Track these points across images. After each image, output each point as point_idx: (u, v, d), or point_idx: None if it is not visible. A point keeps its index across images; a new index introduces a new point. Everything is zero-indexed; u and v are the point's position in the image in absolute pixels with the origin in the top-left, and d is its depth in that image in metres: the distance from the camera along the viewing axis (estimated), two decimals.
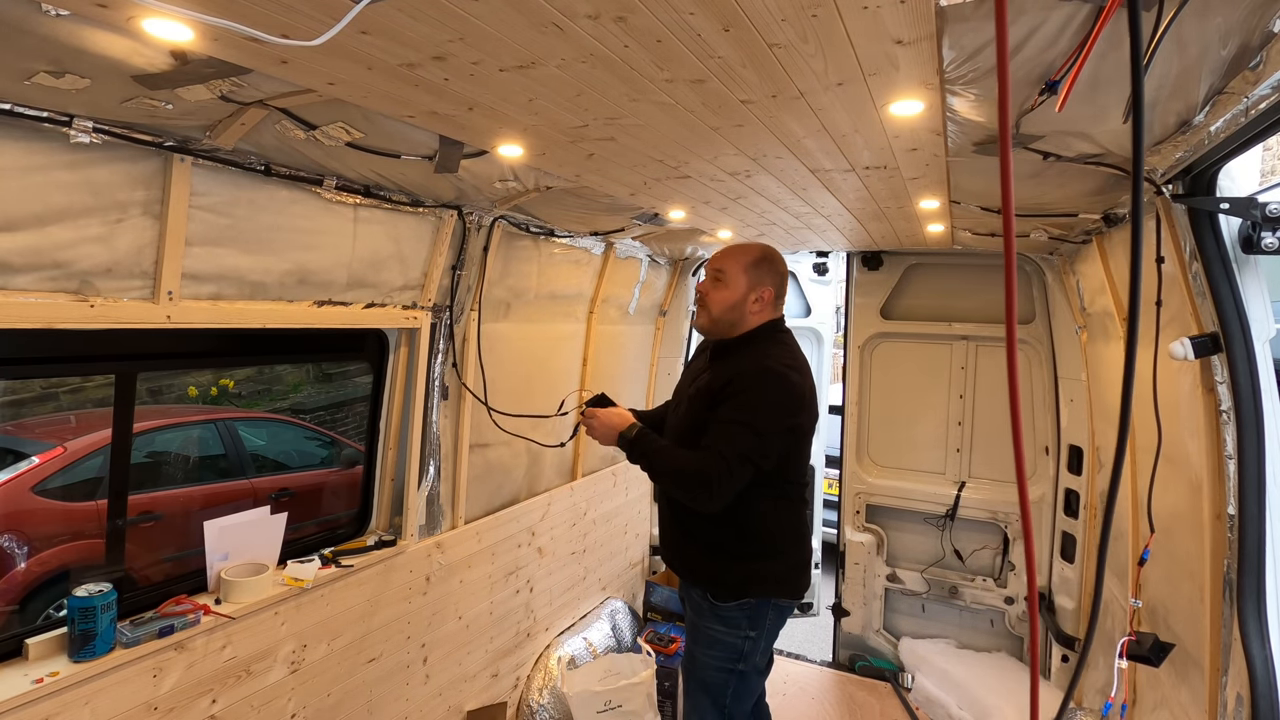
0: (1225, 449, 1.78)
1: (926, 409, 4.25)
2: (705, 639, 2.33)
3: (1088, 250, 2.91)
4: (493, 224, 2.84)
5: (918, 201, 2.56)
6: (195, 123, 1.66)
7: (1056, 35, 1.18)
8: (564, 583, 3.81)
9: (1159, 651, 1.64)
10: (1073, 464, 3.59)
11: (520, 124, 1.72)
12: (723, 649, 2.30)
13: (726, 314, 2.34)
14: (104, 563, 2.03)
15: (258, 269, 2.05)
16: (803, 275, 5.13)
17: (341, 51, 1.24)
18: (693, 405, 2.32)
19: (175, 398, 6.45)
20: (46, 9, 1.12)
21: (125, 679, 1.84)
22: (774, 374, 2.19)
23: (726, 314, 2.34)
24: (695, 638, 2.37)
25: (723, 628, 2.29)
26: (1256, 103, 1.31)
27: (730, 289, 2.33)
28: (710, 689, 2.34)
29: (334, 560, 2.48)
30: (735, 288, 2.33)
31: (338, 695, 2.47)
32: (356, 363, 3.57)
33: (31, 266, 1.55)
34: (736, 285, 2.33)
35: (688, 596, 2.44)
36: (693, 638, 2.40)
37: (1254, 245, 1.69)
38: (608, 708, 3.26)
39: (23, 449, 4.46)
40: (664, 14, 1.09)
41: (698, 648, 2.36)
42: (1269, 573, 1.70)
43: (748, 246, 2.39)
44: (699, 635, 2.35)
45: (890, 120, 1.61)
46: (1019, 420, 0.73)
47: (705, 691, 2.35)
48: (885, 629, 4.37)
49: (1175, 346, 1.81)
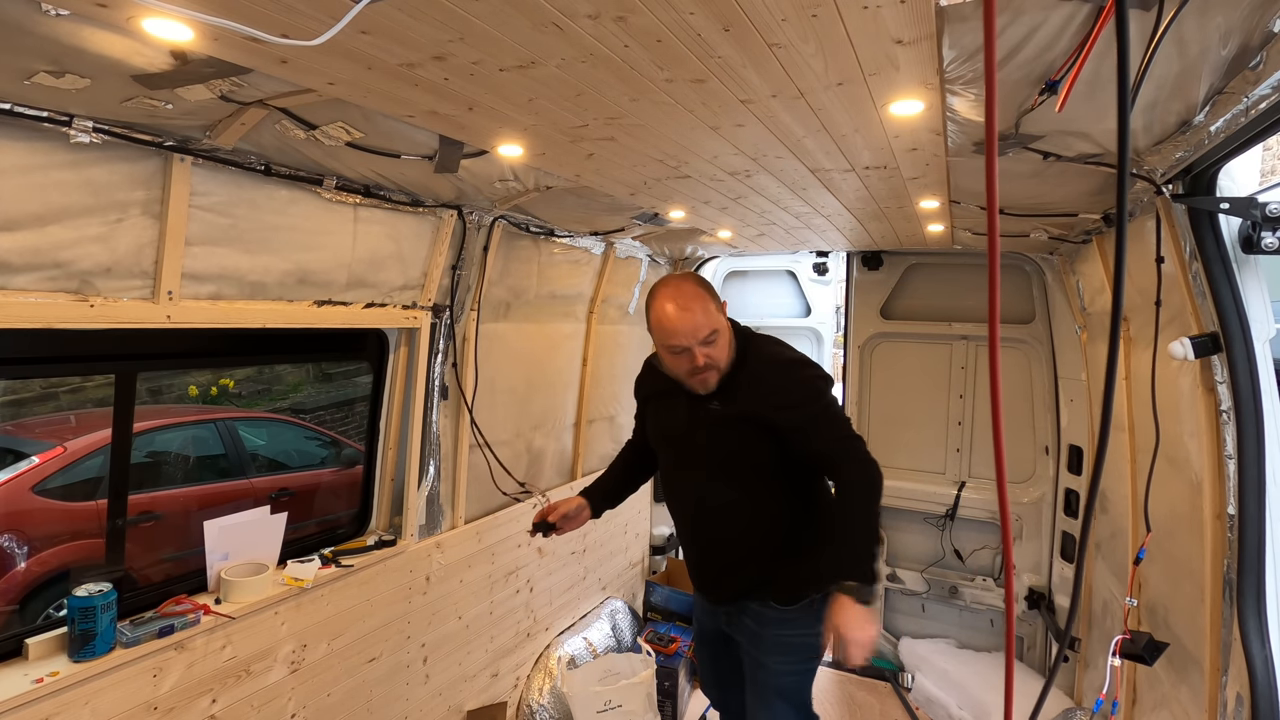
0: (1225, 449, 1.78)
1: (926, 409, 4.25)
2: (774, 647, 2.24)
3: (1088, 250, 2.91)
4: (493, 224, 2.84)
5: (918, 201, 2.56)
6: (195, 122, 1.66)
7: (1056, 35, 1.18)
8: (564, 583, 3.81)
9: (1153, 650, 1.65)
10: (1073, 464, 3.59)
11: (520, 124, 1.72)
12: (795, 652, 2.24)
13: (728, 357, 2.13)
14: (104, 562, 2.03)
15: (258, 269, 2.05)
16: (803, 275, 5.13)
17: (341, 51, 1.24)
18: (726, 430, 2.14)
19: (175, 398, 6.45)
20: (46, 9, 1.12)
21: (125, 679, 1.84)
22: (794, 361, 2.18)
23: (728, 357, 2.13)
24: (762, 648, 2.26)
25: (791, 631, 2.22)
26: (1256, 103, 1.31)
27: (722, 336, 2.10)
28: (788, 694, 2.27)
29: (334, 560, 2.48)
30: (723, 330, 2.10)
31: (338, 695, 2.47)
32: (356, 363, 3.57)
33: (31, 266, 1.55)
34: (721, 326, 2.10)
35: (738, 614, 2.30)
36: (757, 649, 2.27)
37: (1254, 245, 1.69)
38: (608, 707, 3.26)
39: (23, 449, 4.46)
40: (664, 14, 1.09)
41: (767, 657, 2.25)
42: (1269, 573, 1.70)
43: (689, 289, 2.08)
44: (765, 645, 2.25)
45: (890, 120, 1.61)
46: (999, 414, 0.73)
47: (784, 698, 2.27)
48: (885, 629, 4.37)
49: (1175, 346, 1.81)
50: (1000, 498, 0.76)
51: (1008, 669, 0.90)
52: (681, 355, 2.06)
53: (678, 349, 2.05)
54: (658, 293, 2.10)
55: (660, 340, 2.09)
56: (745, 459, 2.16)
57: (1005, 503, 0.75)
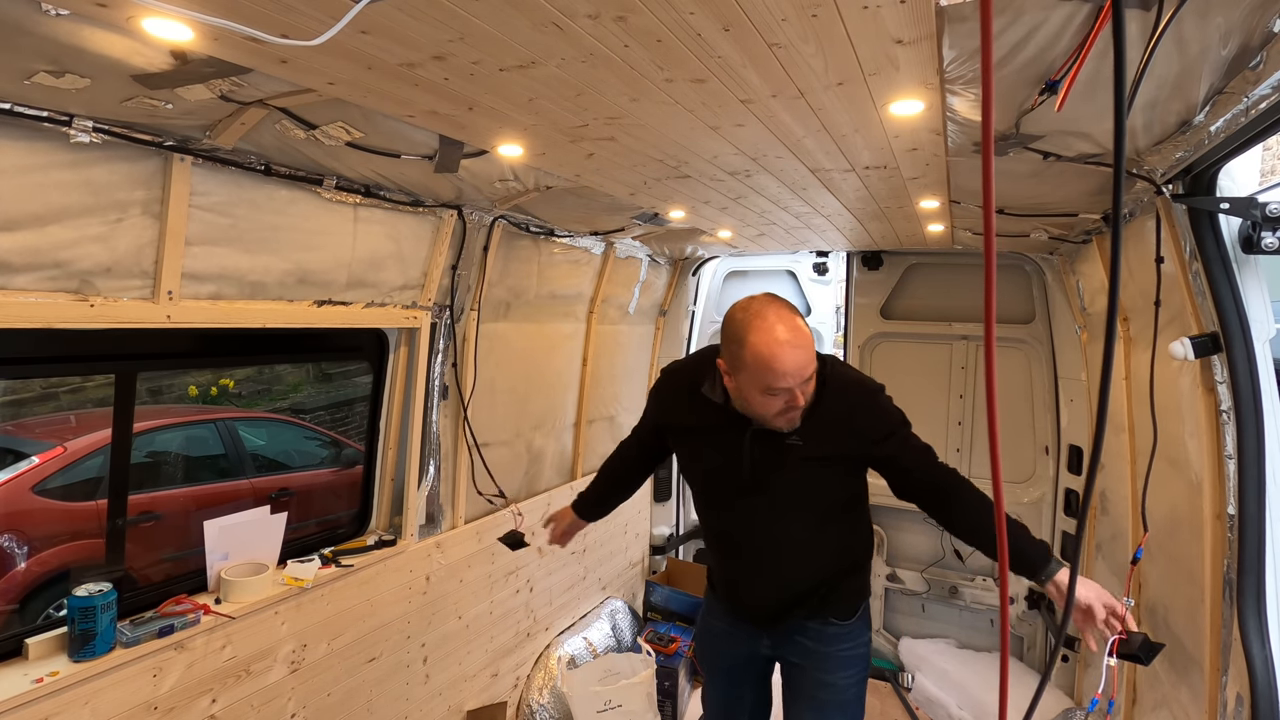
0: (1225, 449, 1.78)
1: (926, 409, 4.25)
2: (836, 664, 2.18)
3: (1088, 250, 2.91)
4: (493, 224, 2.84)
5: (918, 201, 2.56)
6: (195, 122, 1.66)
7: (1056, 35, 1.18)
8: (564, 582, 3.81)
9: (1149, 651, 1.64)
10: (1073, 464, 3.59)
11: (520, 124, 1.72)
12: (855, 664, 2.21)
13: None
14: (104, 562, 2.03)
15: (257, 268, 2.05)
16: (803, 275, 5.14)
17: (341, 51, 1.24)
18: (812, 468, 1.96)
19: (175, 398, 6.46)
20: (46, 9, 1.12)
21: (125, 679, 1.84)
22: (874, 389, 2.01)
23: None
24: (823, 667, 2.19)
25: (849, 644, 2.19)
26: (1256, 103, 1.31)
27: (813, 379, 1.87)
28: (850, 706, 2.24)
29: (334, 560, 2.48)
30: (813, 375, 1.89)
31: (338, 695, 2.47)
32: (356, 362, 3.57)
33: (31, 266, 1.55)
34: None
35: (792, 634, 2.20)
36: (819, 669, 2.19)
37: (1254, 245, 1.69)
38: (608, 707, 3.26)
39: (23, 449, 4.47)
40: (664, 14, 1.09)
41: (833, 675, 2.19)
42: (1269, 573, 1.70)
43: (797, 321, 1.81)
44: (827, 663, 2.18)
45: (890, 120, 1.61)
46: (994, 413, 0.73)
47: (845, 711, 2.23)
48: (885, 629, 4.37)
49: (1175, 346, 1.81)
50: (995, 497, 0.76)
51: (1002, 669, 0.90)
52: (778, 396, 1.79)
53: (781, 390, 1.78)
54: (761, 325, 1.76)
55: (763, 380, 1.77)
56: (829, 495, 2.03)
57: (1000, 503, 0.75)
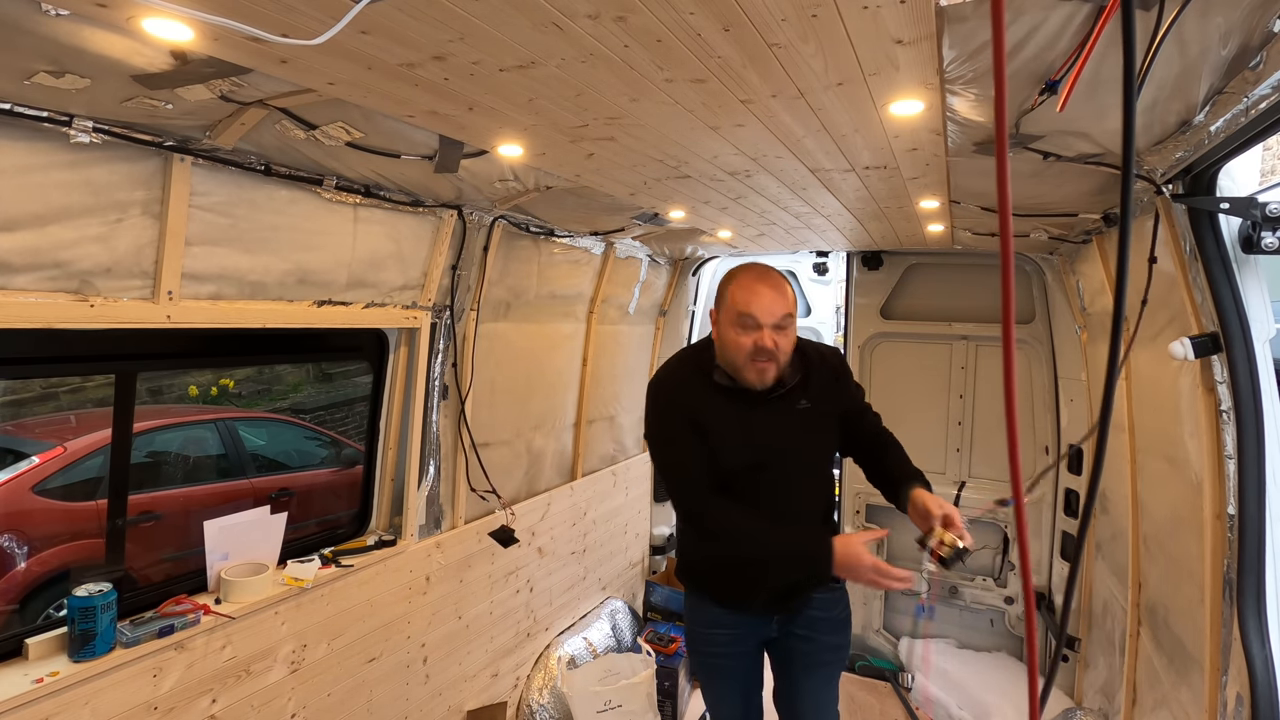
0: (1225, 449, 1.78)
1: (926, 409, 4.25)
2: (839, 626, 2.25)
3: (1088, 250, 2.91)
4: (493, 224, 2.84)
5: (918, 201, 2.56)
6: (195, 122, 1.66)
7: (1056, 35, 1.18)
8: (564, 582, 3.81)
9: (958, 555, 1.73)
10: (1073, 464, 3.59)
11: (520, 124, 1.72)
12: (849, 627, 2.30)
13: (788, 354, 2.02)
14: (104, 562, 2.03)
15: (257, 269, 2.05)
16: (803, 275, 5.14)
17: (341, 51, 1.24)
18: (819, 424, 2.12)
19: (175, 398, 6.46)
20: (46, 9, 1.12)
21: (125, 679, 1.84)
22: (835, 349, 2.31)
23: (788, 354, 2.02)
24: (831, 631, 2.22)
25: (843, 607, 2.27)
26: (1256, 103, 1.31)
27: (792, 328, 2.01)
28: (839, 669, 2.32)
29: (334, 560, 2.48)
30: (794, 323, 2.02)
31: (338, 695, 2.47)
32: (356, 363, 3.57)
33: (31, 266, 1.55)
34: (794, 318, 2.02)
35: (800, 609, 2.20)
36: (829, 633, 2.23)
37: (1254, 245, 1.69)
38: (608, 707, 3.26)
39: (23, 449, 4.47)
40: (664, 14, 1.09)
41: (837, 638, 2.25)
42: (1269, 573, 1.70)
43: (777, 274, 2.00)
44: (833, 628, 2.23)
45: (890, 120, 1.61)
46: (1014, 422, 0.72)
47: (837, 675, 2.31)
48: (885, 629, 4.37)
49: (1175, 346, 1.81)
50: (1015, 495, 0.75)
51: (1030, 670, 0.90)
52: (750, 332, 1.93)
53: (751, 322, 1.93)
54: (744, 267, 2.03)
55: (737, 308, 1.94)
56: (829, 450, 2.23)
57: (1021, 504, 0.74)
